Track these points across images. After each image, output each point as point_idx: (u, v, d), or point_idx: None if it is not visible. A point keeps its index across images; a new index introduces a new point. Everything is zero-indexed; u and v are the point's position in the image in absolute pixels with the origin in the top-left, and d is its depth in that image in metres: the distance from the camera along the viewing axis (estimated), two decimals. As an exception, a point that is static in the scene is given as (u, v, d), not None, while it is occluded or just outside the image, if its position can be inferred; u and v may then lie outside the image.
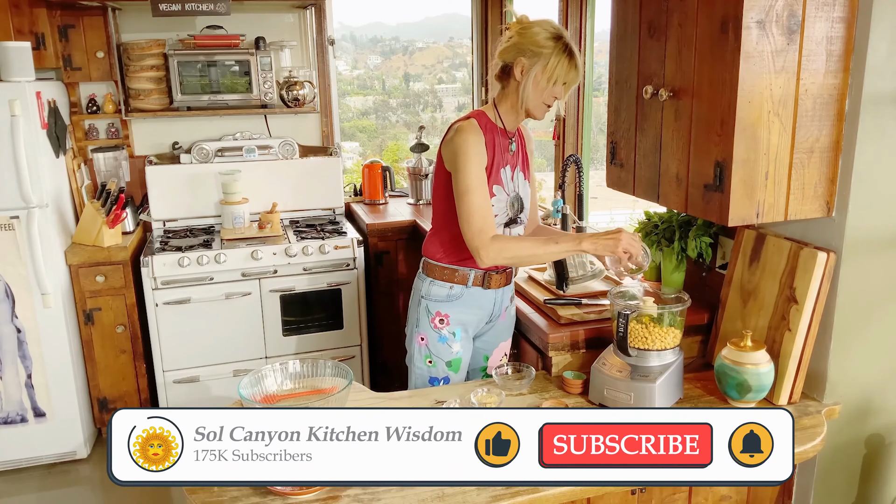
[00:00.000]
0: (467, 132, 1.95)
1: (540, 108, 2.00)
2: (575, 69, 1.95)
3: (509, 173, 2.06)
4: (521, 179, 2.11)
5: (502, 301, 2.16)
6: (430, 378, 2.12)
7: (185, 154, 3.65)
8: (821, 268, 1.70)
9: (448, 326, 2.11)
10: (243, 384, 1.72)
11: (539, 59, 1.92)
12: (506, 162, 2.05)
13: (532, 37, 1.93)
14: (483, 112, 2.05)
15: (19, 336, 3.07)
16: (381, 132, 5.86)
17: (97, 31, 3.40)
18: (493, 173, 2.01)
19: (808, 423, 1.71)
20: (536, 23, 1.96)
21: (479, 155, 1.95)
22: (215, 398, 3.35)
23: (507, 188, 2.05)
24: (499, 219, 2.04)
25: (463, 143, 1.94)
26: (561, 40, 1.93)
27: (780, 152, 1.62)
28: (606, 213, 4.18)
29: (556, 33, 1.94)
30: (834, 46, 1.60)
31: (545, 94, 1.96)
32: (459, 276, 2.08)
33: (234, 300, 3.29)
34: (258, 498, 1.47)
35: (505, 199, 2.05)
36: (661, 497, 1.76)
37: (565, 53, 1.92)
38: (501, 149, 2.03)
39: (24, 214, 2.96)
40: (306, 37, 3.87)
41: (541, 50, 1.92)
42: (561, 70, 1.93)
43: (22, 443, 3.16)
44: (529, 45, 1.93)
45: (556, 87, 1.96)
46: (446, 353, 2.11)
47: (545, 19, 1.98)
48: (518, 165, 2.10)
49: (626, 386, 1.76)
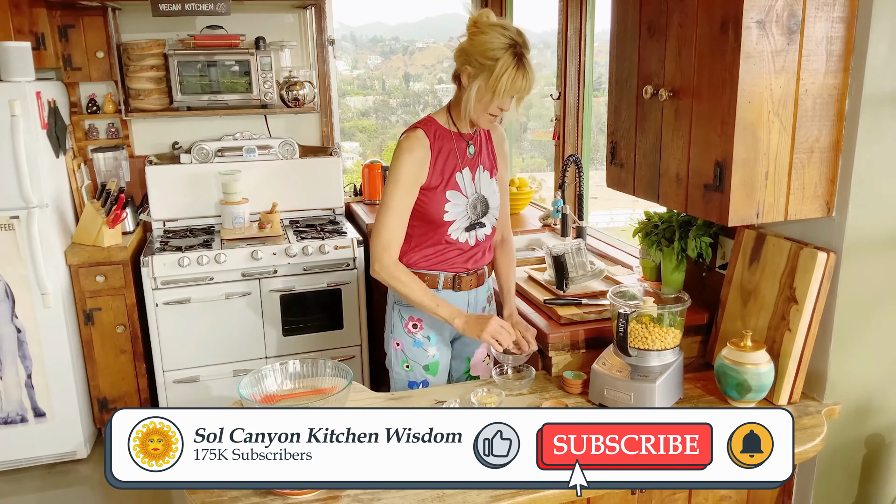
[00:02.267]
0: (404, 148, 1.94)
1: (483, 117, 1.94)
2: (524, 79, 1.85)
3: (468, 175, 2.02)
4: (485, 179, 2.06)
5: (476, 302, 2.14)
6: (408, 382, 2.11)
7: (185, 154, 3.65)
8: (821, 268, 1.70)
9: (422, 331, 2.09)
10: (243, 384, 1.72)
11: (484, 70, 1.83)
12: (463, 164, 2.01)
13: (480, 45, 1.84)
14: (434, 119, 2.00)
15: (19, 336, 3.07)
16: (381, 132, 5.86)
17: (97, 31, 3.40)
18: (447, 179, 1.98)
19: (808, 423, 1.71)
20: (490, 28, 1.85)
21: (409, 173, 1.93)
22: (215, 398, 3.35)
23: (466, 191, 2.02)
24: (458, 223, 2.01)
25: (397, 159, 1.94)
26: (511, 49, 1.82)
27: (780, 152, 1.62)
28: (606, 212, 4.18)
29: (509, 42, 1.83)
30: (834, 46, 1.60)
31: (490, 106, 1.89)
32: (429, 279, 2.05)
33: (234, 300, 3.29)
34: (258, 498, 1.47)
35: (464, 203, 2.01)
36: (660, 497, 1.76)
37: (514, 64, 1.82)
38: (457, 153, 1.99)
39: (24, 214, 2.96)
40: (306, 37, 3.87)
41: (486, 61, 1.83)
42: (506, 83, 1.83)
43: (22, 443, 3.16)
44: (476, 55, 1.84)
45: (501, 99, 1.87)
46: (422, 358, 2.10)
47: (500, 23, 1.86)
48: (481, 165, 2.05)
49: (626, 386, 1.76)
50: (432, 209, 1.98)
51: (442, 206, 1.99)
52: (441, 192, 1.98)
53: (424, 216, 2.00)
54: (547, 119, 3.64)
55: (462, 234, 2.04)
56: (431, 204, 1.98)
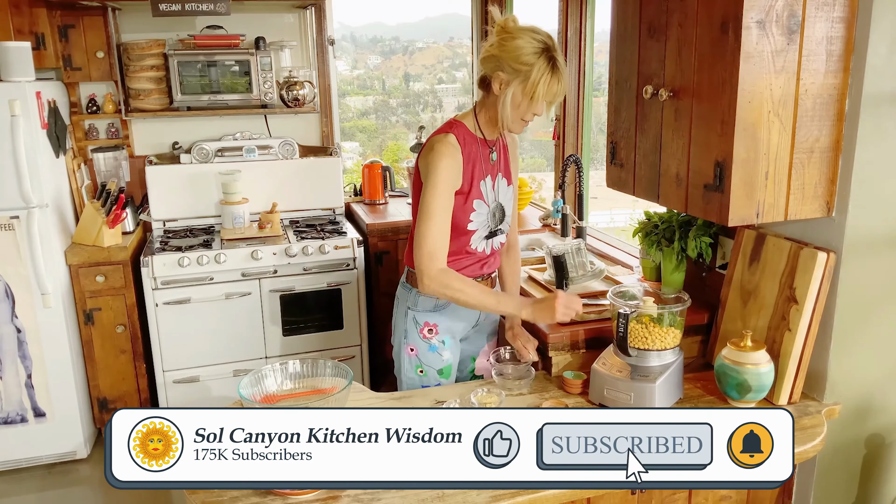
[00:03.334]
0: (441, 152, 1.87)
1: (518, 124, 1.90)
2: (559, 84, 1.82)
3: (490, 183, 2.00)
4: (503, 187, 2.04)
5: None
6: (421, 387, 2.09)
7: (185, 154, 3.65)
8: (821, 268, 1.70)
9: (437, 336, 2.08)
10: (243, 384, 1.72)
11: (519, 76, 1.80)
12: (486, 172, 1.98)
13: (513, 51, 1.80)
14: (462, 123, 1.96)
15: (19, 336, 3.07)
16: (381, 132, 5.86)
17: (97, 31, 3.40)
18: (473, 188, 1.94)
19: (808, 423, 1.71)
20: (520, 32, 1.82)
21: (448, 179, 1.87)
22: (215, 398, 3.36)
23: (488, 199, 2.00)
24: (479, 233, 2.00)
25: (434, 164, 1.87)
26: (545, 54, 1.79)
27: (780, 152, 1.62)
28: (606, 212, 4.18)
29: (542, 46, 1.80)
30: (834, 46, 1.60)
31: (525, 112, 1.86)
32: None
33: (234, 300, 3.29)
34: (258, 498, 1.47)
35: (486, 212, 2.00)
36: (661, 497, 1.76)
37: (549, 69, 1.79)
38: (482, 160, 1.96)
39: (24, 214, 2.96)
40: (306, 37, 3.87)
41: (521, 67, 1.79)
42: (543, 88, 1.80)
43: (22, 443, 3.16)
44: (509, 61, 1.80)
45: (536, 104, 1.85)
46: (437, 362, 2.09)
47: (530, 28, 1.83)
48: (500, 172, 2.03)
49: (626, 386, 1.76)
50: (459, 217, 1.94)
51: (468, 214, 1.95)
52: (468, 200, 1.95)
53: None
54: (547, 119, 3.64)
55: (482, 242, 2.02)
56: (458, 212, 1.93)
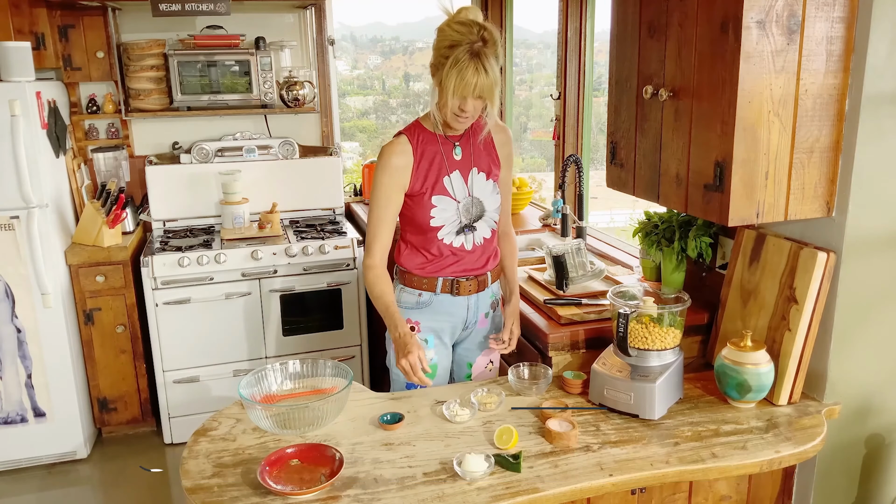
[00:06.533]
0: (387, 154, 1.94)
1: (452, 119, 1.87)
2: (476, 76, 1.73)
3: (459, 178, 1.99)
4: (480, 181, 2.02)
5: (477, 308, 2.11)
6: (406, 383, 2.07)
7: (185, 154, 3.65)
8: (821, 268, 1.70)
9: (420, 333, 2.08)
10: (243, 384, 1.72)
11: (438, 70, 1.78)
12: (452, 168, 1.98)
13: (436, 44, 1.77)
14: (419, 123, 1.98)
15: (19, 336, 3.07)
16: (381, 132, 5.86)
17: (97, 31, 3.40)
18: (433, 185, 1.96)
19: (808, 423, 1.71)
20: (450, 24, 1.77)
21: (386, 182, 1.93)
22: (215, 398, 3.36)
23: (457, 194, 1.99)
24: (448, 228, 2.00)
25: (377, 167, 1.96)
26: (466, 47, 1.73)
27: (780, 152, 1.62)
28: (606, 212, 4.18)
29: (462, 38, 1.73)
30: (834, 46, 1.60)
31: (446, 106, 1.83)
32: (427, 283, 2.04)
33: (234, 300, 3.29)
34: (258, 498, 1.47)
35: (454, 207, 1.99)
36: (661, 497, 1.76)
37: (465, 62, 1.72)
38: (443, 157, 1.97)
39: (24, 214, 2.96)
40: (306, 37, 3.87)
41: (438, 59, 1.78)
42: (455, 80, 1.74)
43: (22, 443, 3.17)
44: (434, 54, 1.78)
45: (454, 99, 1.79)
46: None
47: (465, 19, 1.77)
48: (475, 168, 2.02)
49: (626, 386, 1.76)
50: (419, 215, 1.98)
51: (428, 211, 1.97)
52: (427, 197, 1.96)
53: (412, 221, 2.00)
54: (547, 119, 3.64)
55: (455, 238, 2.02)
56: (418, 209, 1.97)
